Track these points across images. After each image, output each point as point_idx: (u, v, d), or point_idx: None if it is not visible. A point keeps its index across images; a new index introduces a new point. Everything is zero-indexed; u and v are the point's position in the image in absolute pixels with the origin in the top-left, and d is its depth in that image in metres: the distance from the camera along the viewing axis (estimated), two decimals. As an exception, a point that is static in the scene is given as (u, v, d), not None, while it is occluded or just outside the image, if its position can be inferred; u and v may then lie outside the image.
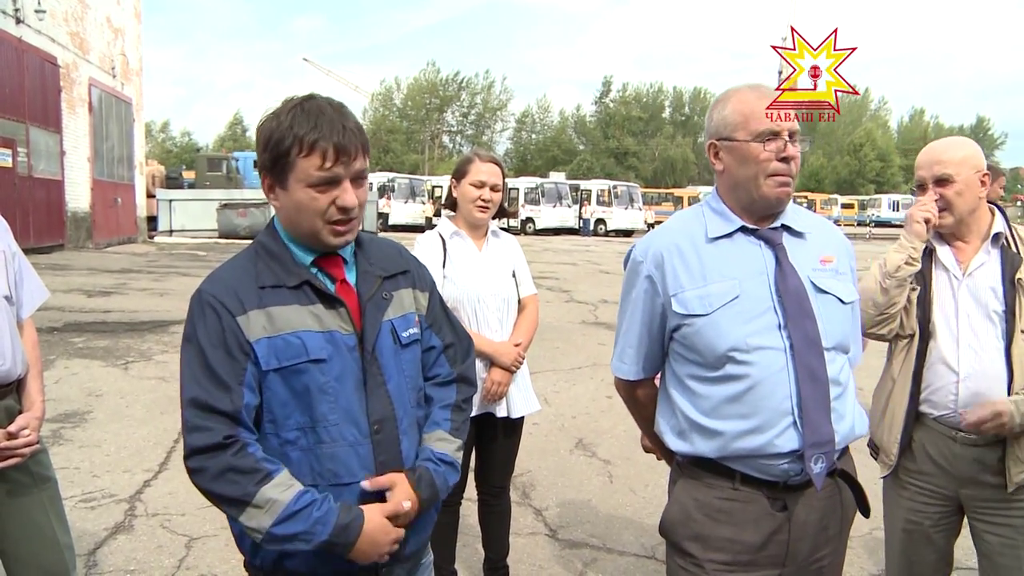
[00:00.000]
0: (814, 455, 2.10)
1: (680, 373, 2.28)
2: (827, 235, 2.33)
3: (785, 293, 2.15)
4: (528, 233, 41.04)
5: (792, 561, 2.21)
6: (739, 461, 2.17)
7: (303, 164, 1.86)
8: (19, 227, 18.08)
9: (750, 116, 2.15)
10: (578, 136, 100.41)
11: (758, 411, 2.12)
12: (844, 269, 2.29)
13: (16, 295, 2.81)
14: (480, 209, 3.60)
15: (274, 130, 1.88)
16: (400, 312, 2.06)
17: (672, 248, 2.25)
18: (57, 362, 8.42)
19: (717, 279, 2.18)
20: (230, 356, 1.86)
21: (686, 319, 2.19)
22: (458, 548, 3.97)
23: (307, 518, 1.82)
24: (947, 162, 2.76)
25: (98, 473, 5.52)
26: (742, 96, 2.19)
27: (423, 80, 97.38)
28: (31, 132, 19.38)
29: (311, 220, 1.91)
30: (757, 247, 2.22)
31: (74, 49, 22.14)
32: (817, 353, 2.12)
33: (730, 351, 2.13)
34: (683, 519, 2.26)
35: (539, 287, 15.09)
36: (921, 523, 2.86)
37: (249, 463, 1.82)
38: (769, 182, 2.17)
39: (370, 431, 1.95)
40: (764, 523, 2.18)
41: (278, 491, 1.82)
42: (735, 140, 2.18)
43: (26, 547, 2.77)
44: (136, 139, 27.96)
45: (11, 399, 2.73)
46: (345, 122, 1.88)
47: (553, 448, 6.37)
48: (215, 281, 1.95)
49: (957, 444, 2.73)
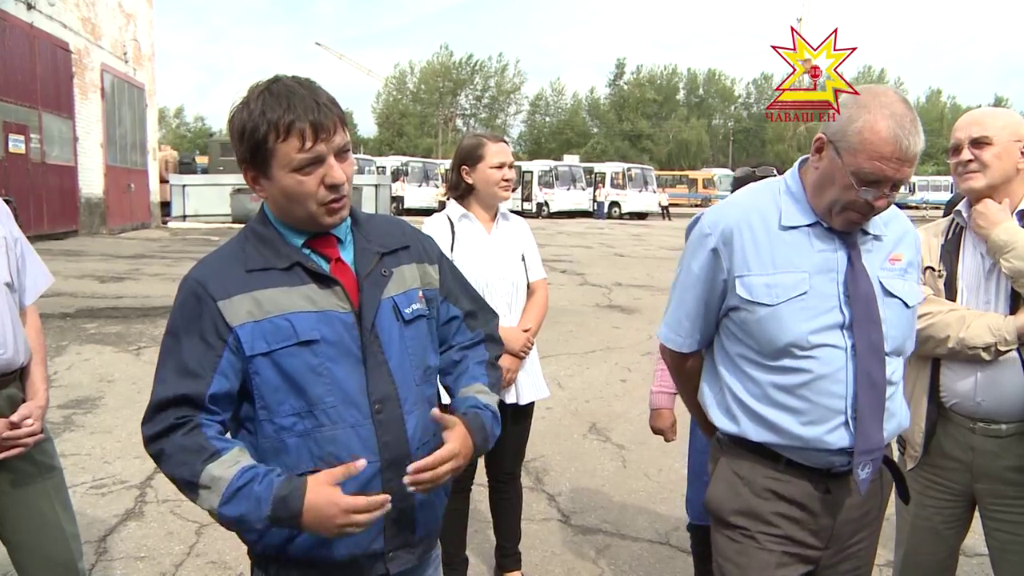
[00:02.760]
0: (862, 462, 2.08)
1: (731, 351, 2.22)
2: (899, 230, 2.23)
3: (855, 295, 2.07)
4: (542, 216, 41.00)
5: (835, 543, 2.21)
6: (787, 448, 2.14)
7: (283, 149, 1.80)
8: (33, 213, 18.17)
9: (867, 152, 1.96)
10: (592, 119, 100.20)
11: (811, 406, 2.08)
12: (912, 267, 2.23)
13: (18, 282, 2.76)
14: (505, 188, 3.59)
15: (246, 120, 1.82)
16: (402, 288, 2.00)
17: (744, 226, 2.14)
18: (69, 348, 8.43)
19: (787, 269, 2.09)
20: (204, 342, 1.82)
21: (748, 304, 2.11)
22: (469, 535, 3.93)
23: (249, 495, 1.72)
24: (987, 125, 2.63)
25: (109, 459, 5.52)
26: (876, 125, 1.95)
27: (436, 64, 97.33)
28: (44, 118, 19.43)
29: (303, 204, 1.86)
30: (832, 242, 2.12)
31: (86, 35, 22.15)
32: (879, 359, 2.07)
33: (790, 345, 2.07)
34: (731, 495, 2.24)
35: (553, 270, 14.94)
36: (931, 518, 2.78)
37: (197, 442, 1.77)
38: (842, 215, 2.06)
39: (371, 411, 1.90)
40: (810, 504, 2.16)
41: (222, 468, 1.74)
42: (840, 158, 2.02)
43: (31, 537, 2.74)
44: (149, 125, 28.04)
45: (14, 388, 2.69)
46: (317, 98, 1.81)
47: (566, 432, 6.33)
48: (202, 266, 1.92)
49: (976, 436, 2.65)
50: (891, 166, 1.95)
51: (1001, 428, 2.60)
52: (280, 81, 1.84)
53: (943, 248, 2.75)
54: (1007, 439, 2.60)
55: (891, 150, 1.94)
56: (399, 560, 1.98)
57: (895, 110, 1.96)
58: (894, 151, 1.94)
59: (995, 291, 2.61)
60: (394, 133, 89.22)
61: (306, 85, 1.84)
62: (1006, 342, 2.52)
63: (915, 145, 1.96)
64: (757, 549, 2.19)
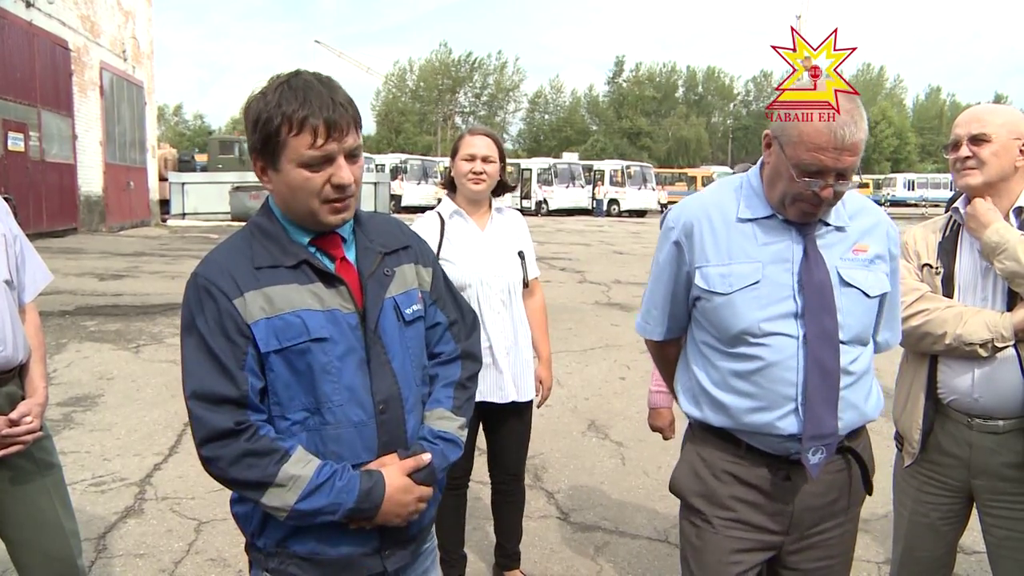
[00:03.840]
0: (812, 447, 2.12)
1: (698, 339, 2.31)
2: (868, 223, 2.26)
3: (808, 284, 2.12)
4: (541, 214, 40.96)
5: (796, 529, 2.25)
6: (744, 433, 2.22)
7: (294, 143, 1.80)
8: (32, 211, 18.15)
9: (804, 144, 2.02)
10: (591, 116, 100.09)
11: (763, 392, 2.15)
12: (881, 259, 2.25)
13: (17, 279, 2.76)
14: (473, 181, 3.51)
15: (262, 110, 1.82)
16: (403, 288, 2.01)
17: (704, 219, 2.23)
18: (69, 345, 8.42)
19: (742, 260, 2.16)
20: (230, 341, 1.82)
21: (706, 294, 2.20)
22: (468, 532, 3.93)
23: (331, 489, 1.81)
24: (987, 122, 2.64)
25: (108, 457, 5.52)
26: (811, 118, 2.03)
27: (435, 61, 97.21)
28: (43, 116, 19.40)
29: (306, 200, 1.85)
30: (788, 233, 2.17)
31: (85, 32, 22.11)
32: (831, 347, 2.11)
33: (743, 333, 2.15)
34: (692, 479, 2.33)
35: (552, 268, 14.95)
36: (928, 514, 2.79)
37: (265, 445, 1.80)
38: (795, 207, 2.11)
39: (375, 411, 1.91)
40: (768, 489, 2.22)
41: (299, 467, 1.80)
42: (784, 152, 2.07)
43: (30, 534, 2.74)
44: (148, 122, 27.99)
45: (13, 385, 2.69)
46: (335, 96, 1.82)
47: (565, 430, 6.33)
48: (210, 264, 1.90)
49: (974, 432, 2.66)
50: (829, 156, 2.00)
51: (998, 424, 2.61)
52: (300, 75, 1.85)
53: (941, 245, 2.75)
54: (1004, 435, 2.60)
55: (826, 140, 1.99)
56: (395, 557, 2.01)
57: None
58: (829, 141, 1.99)
59: (992, 288, 2.62)
60: (393, 131, 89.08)
61: (325, 83, 1.85)
62: (1003, 338, 2.53)
63: (852, 134, 1.99)
64: (712, 534, 2.27)
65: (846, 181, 2.05)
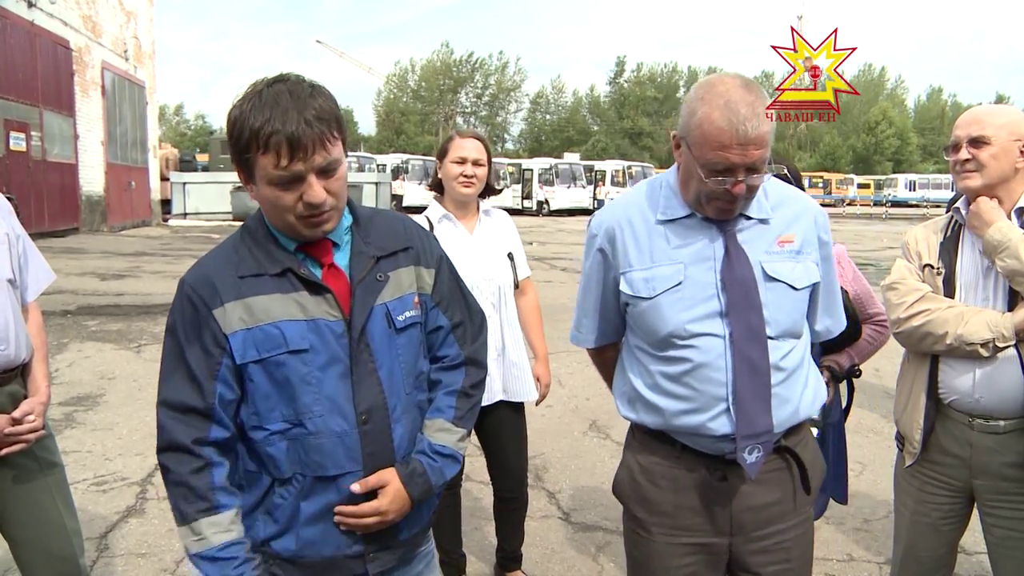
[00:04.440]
0: (747, 446, 2.09)
1: (632, 344, 2.31)
2: (791, 212, 2.22)
3: (730, 282, 2.09)
4: (543, 214, 40.96)
5: (740, 531, 2.21)
6: (679, 434, 2.20)
7: (262, 161, 1.77)
8: (33, 211, 18.16)
9: (709, 143, 1.99)
10: (593, 117, 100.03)
11: (694, 393, 2.12)
12: (808, 247, 2.21)
13: (20, 278, 2.77)
14: (463, 185, 3.48)
15: (236, 119, 1.78)
16: (397, 294, 1.97)
17: (625, 224, 2.22)
18: (70, 345, 8.44)
19: (663, 262, 2.15)
20: (205, 351, 1.84)
21: (632, 299, 2.19)
22: (468, 532, 3.93)
23: (222, 569, 1.84)
24: (986, 124, 2.63)
25: (110, 456, 5.53)
26: (711, 116, 1.98)
27: (437, 61, 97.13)
28: (44, 116, 19.44)
29: (282, 216, 1.84)
30: (708, 231, 2.15)
31: (86, 32, 22.14)
32: (759, 343, 2.09)
33: (670, 336, 2.13)
34: (630, 483, 2.32)
35: (553, 268, 14.95)
36: (929, 514, 2.79)
37: (203, 487, 1.84)
38: (711, 205, 2.09)
39: (357, 421, 1.89)
40: (705, 491, 2.20)
41: (213, 530, 1.84)
42: (691, 153, 2.05)
43: (33, 532, 2.74)
44: (149, 122, 28.04)
45: (16, 384, 2.69)
46: (303, 111, 1.74)
47: (566, 430, 6.33)
48: (196, 270, 1.92)
49: (975, 432, 2.65)
50: (735, 153, 1.97)
51: (999, 424, 2.61)
52: (275, 85, 1.79)
53: (942, 246, 2.75)
54: (1005, 435, 2.60)
55: (729, 137, 1.97)
56: (379, 561, 2.00)
57: (730, 98, 1.98)
58: (732, 138, 1.96)
59: (993, 288, 2.62)
60: (394, 131, 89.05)
61: (297, 95, 1.77)
62: (1004, 338, 2.53)
63: (755, 128, 1.96)
64: (652, 543, 2.26)
65: (757, 174, 2.02)
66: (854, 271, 3.21)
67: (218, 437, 1.86)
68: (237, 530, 1.86)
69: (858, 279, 3.19)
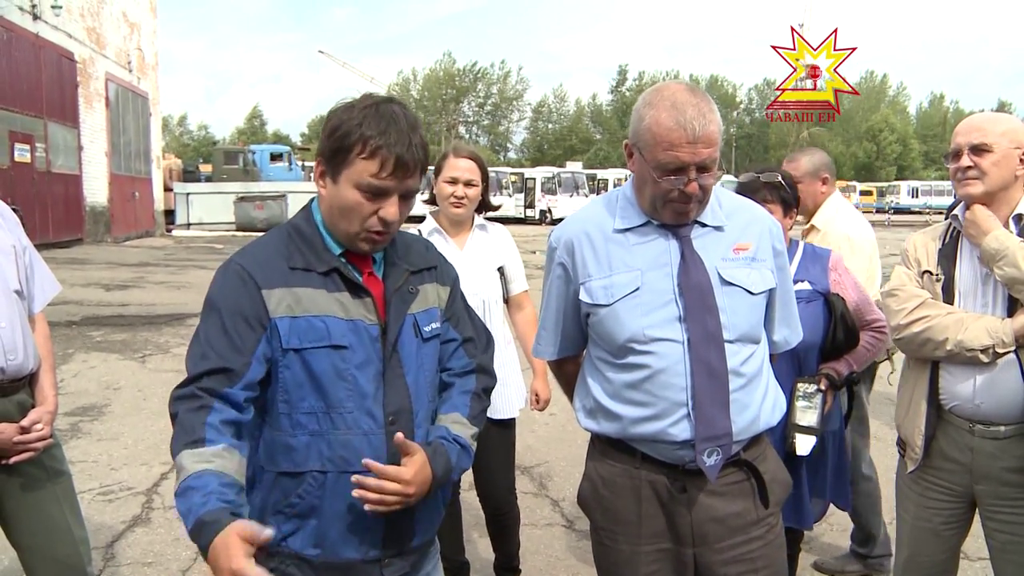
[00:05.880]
0: (707, 448, 2.11)
1: (592, 355, 2.33)
2: (748, 221, 2.27)
3: (687, 287, 2.13)
4: (545, 223, 40.98)
5: (703, 542, 2.21)
6: (639, 442, 2.21)
7: (361, 165, 1.84)
8: (38, 222, 18.22)
9: (659, 144, 2.05)
10: (595, 125, 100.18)
11: (655, 400, 2.14)
12: (763, 255, 2.24)
13: (27, 289, 2.79)
14: (454, 205, 3.50)
15: (344, 121, 1.86)
16: (424, 306, 2.06)
17: (583, 236, 2.26)
18: (75, 356, 8.47)
19: (621, 270, 2.18)
20: (248, 325, 1.86)
21: (591, 308, 2.22)
22: (472, 540, 3.93)
23: (189, 499, 1.67)
24: (988, 131, 2.65)
25: (116, 466, 5.55)
26: (659, 119, 2.05)
27: (439, 71, 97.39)
28: (49, 127, 19.52)
29: (349, 221, 1.90)
30: (664, 238, 2.19)
31: (90, 44, 22.26)
32: (717, 347, 2.11)
33: (629, 342, 2.15)
34: (592, 494, 2.35)
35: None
36: (931, 519, 2.80)
37: (194, 422, 1.76)
38: (667, 208, 2.13)
39: (385, 422, 1.94)
40: (666, 502, 2.21)
41: (191, 460, 1.71)
42: (643, 158, 2.11)
43: (40, 540, 2.77)
44: (153, 133, 28.15)
45: (24, 393, 2.72)
46: (412, 136, 1.86)
47: (570, 438, 6.32)
48: (246, 254, 1.96)
49: (975, 437, 2.67)
50: (685, 151, 2.03)
51: (1000, 430, 2.62)
52: (391, 105, 1.90)
53: (940, 252, 2.76)
54: (1006, 441, 2.61)
55: (679, 136, 2.02)
56: (394, 567, 2.03)
57: (676, 99, 2.05)
58: (682, 136, 2.02)
59: (992, 294, 2.63)
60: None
61: (411, 121, 1.89)
62: (1004, 344, 2.54)
63: (703, 126, 2.02)
64: (617, 552, 2.28)
65: (709, 173, 2.07)
66: (853, 279, 3.22)
67: (233, 398, 1.81)
68: (219, 463, 1.72)
69: (857, 287, 3.21)
